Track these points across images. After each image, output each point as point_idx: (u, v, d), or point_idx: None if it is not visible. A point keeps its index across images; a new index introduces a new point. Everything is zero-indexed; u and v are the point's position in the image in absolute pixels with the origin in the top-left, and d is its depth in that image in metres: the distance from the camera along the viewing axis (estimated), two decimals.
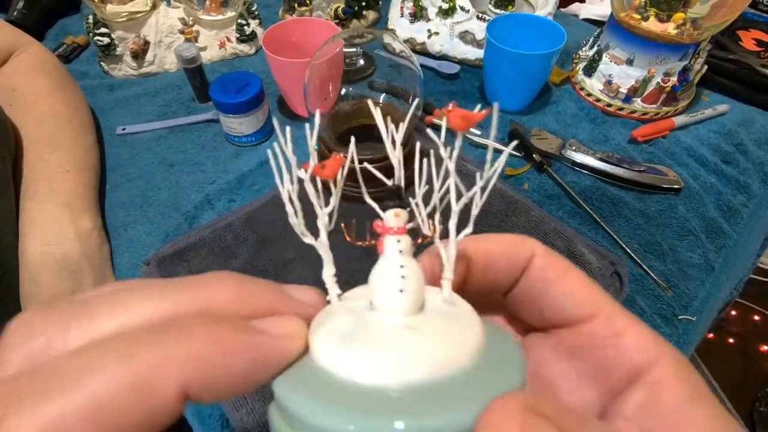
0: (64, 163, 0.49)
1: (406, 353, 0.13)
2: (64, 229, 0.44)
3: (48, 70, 0.57)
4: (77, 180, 0.49)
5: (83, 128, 0.55)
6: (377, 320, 0.15)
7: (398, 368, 0.13)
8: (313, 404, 0.12)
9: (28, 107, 0.51)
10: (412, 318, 0.15)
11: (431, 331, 0.14)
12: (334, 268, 0.18)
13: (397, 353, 0.13)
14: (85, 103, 0.60)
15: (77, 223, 0.46)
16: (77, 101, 0.58)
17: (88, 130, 0.56)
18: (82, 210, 0.47)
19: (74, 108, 0.56)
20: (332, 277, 0.18)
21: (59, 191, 0.46)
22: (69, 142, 0.51)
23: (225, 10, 0.70)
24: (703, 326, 0.44)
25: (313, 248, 0.18)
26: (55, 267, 0.42)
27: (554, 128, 0.60)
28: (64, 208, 0.45)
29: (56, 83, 0.56)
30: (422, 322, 0.15)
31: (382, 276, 0.16)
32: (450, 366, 0.13)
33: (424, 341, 0.14)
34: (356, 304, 0.17)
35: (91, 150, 0.54)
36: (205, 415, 0.38)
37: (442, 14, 0.68)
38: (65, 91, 0.57)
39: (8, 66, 0.56)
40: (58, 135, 0.51)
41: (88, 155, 0.53)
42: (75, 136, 0.53)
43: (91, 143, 0.55)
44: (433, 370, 0.13)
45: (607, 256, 0.45)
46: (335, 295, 0.18)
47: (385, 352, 0.13)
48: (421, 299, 0.16)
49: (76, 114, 0.56)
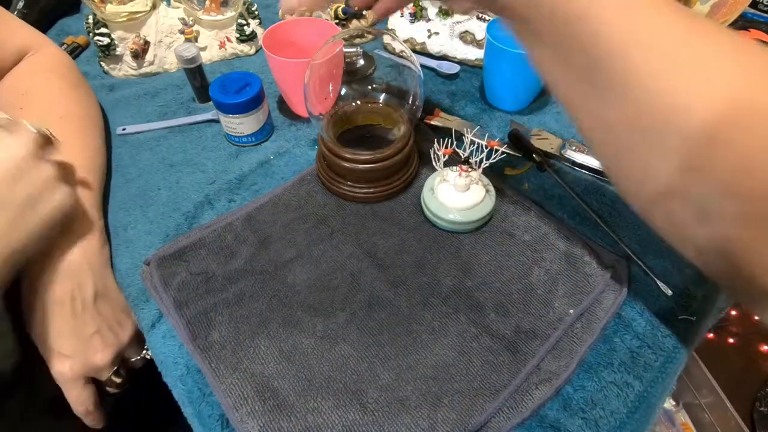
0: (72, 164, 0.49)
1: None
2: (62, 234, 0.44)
3: (62, 71, 0.58)
4: (84, 181, 0.49)
5: (93, 129, 0.56)
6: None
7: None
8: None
9: (41, 107, 0.51)
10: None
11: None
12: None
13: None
14: (97, 104, 0.60)
15: (78, 228, 0.46)
16: (89, 102, 0.58)
17: (98, 131, 0.57)
18: (85, 212, 0.47)
19: (86, 108, 0.56)
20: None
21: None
22: (79, 143, 0.51)
23: (225, 10, 0.70)
24: (703, 326, 0.44)
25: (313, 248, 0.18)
26: (56, 268, 0.42)
27: (554, 128, 0.60)
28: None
29: (70, 84, 0.57)
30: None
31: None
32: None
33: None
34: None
35: (100, 151, 0.55)
36: (205, 415, 0.38)
37: (442, 14, 0.68)
38: (78, 91, 0.57)
39: (23, 66, 0.56)
40: (69, 136, 0.51)
41: (97, 156, 0.54)
42: (85, 137, 0.53)
43: (99, 144, 0.55)
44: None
45: (607, 256, 0.45)
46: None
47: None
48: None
49: (88, 114, 0.56)
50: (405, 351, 0.40)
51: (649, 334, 0.41)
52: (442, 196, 0.47)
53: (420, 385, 0.37)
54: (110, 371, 0.45)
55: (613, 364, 0.40)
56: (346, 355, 0.39)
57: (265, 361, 0.39)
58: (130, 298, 0.46)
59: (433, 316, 0.42)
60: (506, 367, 0.38)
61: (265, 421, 0.35)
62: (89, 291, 0.44)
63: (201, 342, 0.40)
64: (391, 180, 0.51)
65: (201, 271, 0.45)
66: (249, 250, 0.46)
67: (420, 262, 0.46)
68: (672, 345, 0.41)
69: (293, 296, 0.43)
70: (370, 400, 0.37)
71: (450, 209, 0.47)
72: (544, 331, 0.41)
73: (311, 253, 0.46)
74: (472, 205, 0.47)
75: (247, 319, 0.42)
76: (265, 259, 0.46)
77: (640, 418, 0.37)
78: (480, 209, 0.47)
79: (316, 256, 0.46)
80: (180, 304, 0.42)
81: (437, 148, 0.47)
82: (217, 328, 0.41)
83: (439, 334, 0.41)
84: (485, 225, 0.49)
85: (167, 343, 0.42)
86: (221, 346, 0.40)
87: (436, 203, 0.47)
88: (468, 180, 0.47)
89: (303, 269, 0.45)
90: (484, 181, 0.49)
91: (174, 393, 0.40)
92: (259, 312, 0.42)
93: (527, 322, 0.41)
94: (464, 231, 0.48)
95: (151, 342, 0.43)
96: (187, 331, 0.41)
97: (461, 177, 0.46)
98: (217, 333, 0.41)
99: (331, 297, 0.43)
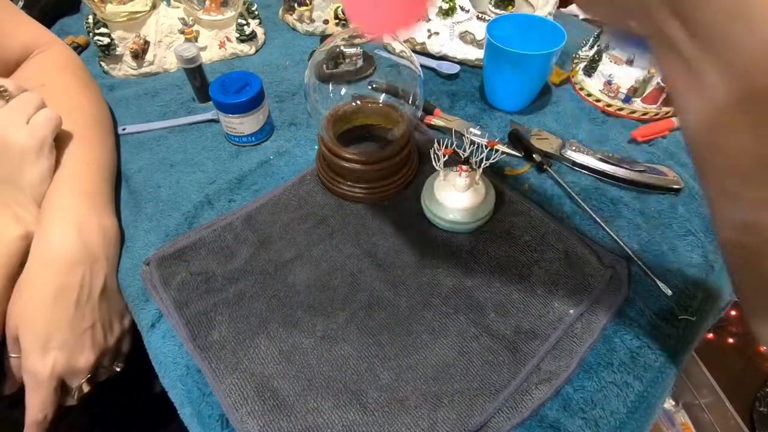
0: (89, 159, 0.49)
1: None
2: (87, 219, 0.45)
3: (74, 70, 0.58)
4: (102, 176, 0.50)
5: (106, 128, 0.56)
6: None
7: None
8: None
9: (58, 102, 0.51)
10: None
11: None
12: None
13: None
14: (107, 105, 0.60)
15: (100, 216, 0.46)
16: (100, 102, 0.59)
17: (110, 130, 0.57)
18: (104, 204, 0.48)
19: (99, 108, 0.57)
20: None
21: (84, 184, 0.47)
22: (95, 139, 0.52)
23: (225, 10, 0.70)
24: (703, 326, 0.44)
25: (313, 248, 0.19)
26: (74, 255, 0.42)
27: (554, 128, 0.60)
28: (89, 199, 0.46)
29: (82, 82, 0.57)
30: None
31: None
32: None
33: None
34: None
35: (113, 150, 0.55)
36: (205, 415, 0.38)
37: (442, 14, 0.68)
38: (91, 90, 0.58)
39: (34, 62, 0.57)
40: (85, 131, 0.51)
41: (111, 155, 0.54)
42: (100, 135, 0.54)
43: (112, 143, 0.56)
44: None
45: (607, 256, 0.45)
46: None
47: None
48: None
49: (101, 114, 0.57)
50: (405, 351, 0.40)
51: (649, 334, 0.41)
52: (442, 196, 0.47)
53: (420, 385, 0.37)
54: (85, 377, 0.44)
55: (613, 364, 0.40)
56: (346, 355, 0.39)
57: (265, 361, 0.39)
58: (130, 298, 0.46)
59: (433, 316, 0.42)
60: (506, 367, 0.38)
61: (265, 421, 0.35)
62: (99, 282, 0.44)
63: (201, 342, 0.40)
64: (391, 180, 0.51)
65: (201, 270, 0.45)
66: (249, 250, 0.46)
67: (420, 262, 0.46)
68: (672, 345, 0.41)
69: (293, 296, 0.43)
70: (370, 400, 0.37)
71: (450, 209, 0.47)
72: (544, 331, 0.41)
73: (311, 253, 0.46)
74: (472, 205, 0.47)
75: (247, 319, 0.42)
76: (265, 259, 0.46)
77: (640, 418, 0.37)
78: (480, 209, 0.47)
79: (316, 256, 0.46)
80: (180, 304, 0.42)
81: (437, 148, 0.47)
82: (217, 328, 0.41)
83: (439, 334, 0.41)
84: (485, 225, 0.49)
85: (167, 343, 0.42)
86: (221, 346, 0.40)
87: (436, 203, 0.48)
88: (468, 180, 0.47)
89: (303, 269, 0.45)
90: (484, 181, 0.49)
91: (173, 393, 0.40)
92: (259, 312, 0.42)
93: (527, 322, 0.41)
94: (464, 231, 0.48)
95: (151, 342, 0.43)
96: (187, 331, 0.41)
97: (461, 177, 0.46)
98: (217, 333, 0.41)
99: (331, 297, 0.43)
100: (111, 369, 0.48)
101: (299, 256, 0.46)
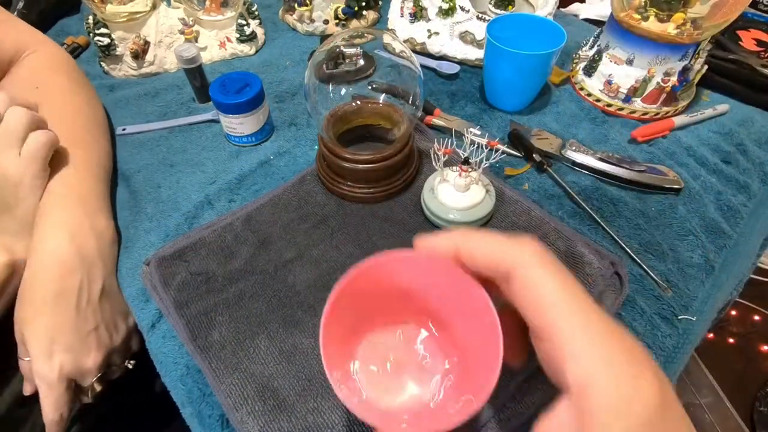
0: (83, 161, 0.49)
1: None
2: (80, 223, 0.45)
3: (68, 71, 0.58)
4: (96, 178, 0.50)
5: (101, 129, 0.56)
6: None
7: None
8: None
9: (52, 104, 0.51)
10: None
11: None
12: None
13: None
14: (102, 105, 0.60)
15: (93, 220, 0.46)
16: (95, 102, 0.58)
17: (105, 131, 0.57)
18: (98, 207, 0.48)
19: (94, 109, 0.57)
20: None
21: (77, 189, 0.47)
22: (90, 141, 0.52)
23: (225, 10, 0.70)
24: (703, 326, 0.44)
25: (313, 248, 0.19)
26: (69, 260, 0.42)
27: (554, 128, 0.60)
28: (81, 204, 0.46)
29: (77, 84, 0.57)
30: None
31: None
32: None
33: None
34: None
35: (108, 150, 0.55)
36: (205, 415, 0.38)
37: (442, 14, 0.68)
38: (85, 91, 0.58)
39: (27, 64, 0.56)
40: (80, 133, 0.51)
41: (106, 155, 0.54)
42: (95, 136, 0.54)
43: (108, 143, 0.56)
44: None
45: (607, 256, 0.45)
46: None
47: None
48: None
49: (96, 115, 0.57)
50: None
51: (649, 334, 0.41)
52: (442, 196, 0.47)
53: None
54: (95, 376, 0.44)
55: None
56: None
57: (265, 361, 0.39)
58: (130, 298, 0.46)
59: None
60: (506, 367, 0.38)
61: (265, 421, 0.35)
62: (97, 285, 0.44)
63: (201, 342, 0.40)
64: (391, 180, 0.51)
65: (201, 271, 0.45)
66: (249, 250, 0.46)
67: None
68: (672, 345, 0.41)
69: (293, 296, 0.43)
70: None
71: (450, 209, 0.47)
72: None
73: (311, 253, 0.46)
74: (472, 205, 0.47)
75: (247, 319, 0.42)
76: (265, 259, 0.46)
77: None
78: (480, 209, 0.47)
79: (316, 256, 0.46)
80: (180, 304, 0.42)
81: (437, 148, 0.47)
82: (217, 328, 0.41)
83: None
84: (485, 225, 0.49)
85: (167, 343, 0.42)
86: (221, 346, 0.40)
87: (436, 203, 0.48)
88: (468, 180, 0.47)
89: (303, 269, 0.45)
90: (484, 181, 0.49)
91: (174, 393, 0.40)
92: (259, 312, 0.42)
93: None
94: None
95: (151, 342, 0.43)
96: (187, 331, 0.41)
97: (461, 177, 0.46)
98: (217, 333, 0.41)
99: None
100: (123, 366, 0.48)
101: (299, 256, 0.46)
